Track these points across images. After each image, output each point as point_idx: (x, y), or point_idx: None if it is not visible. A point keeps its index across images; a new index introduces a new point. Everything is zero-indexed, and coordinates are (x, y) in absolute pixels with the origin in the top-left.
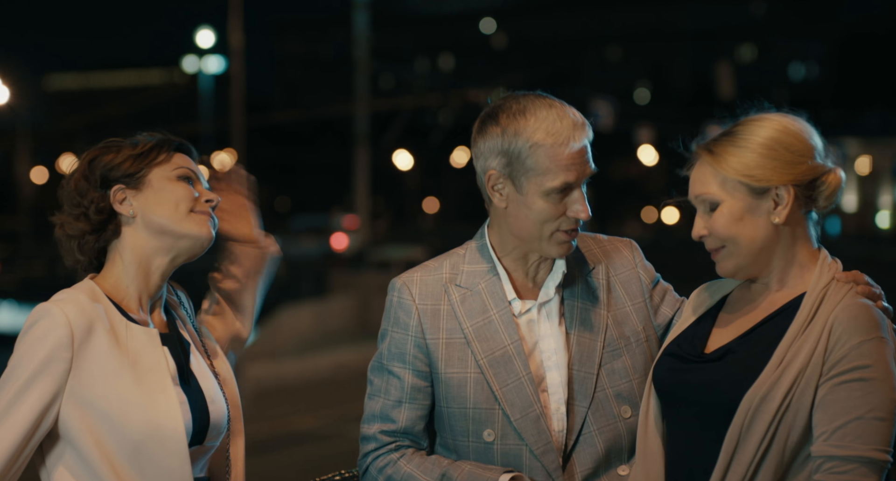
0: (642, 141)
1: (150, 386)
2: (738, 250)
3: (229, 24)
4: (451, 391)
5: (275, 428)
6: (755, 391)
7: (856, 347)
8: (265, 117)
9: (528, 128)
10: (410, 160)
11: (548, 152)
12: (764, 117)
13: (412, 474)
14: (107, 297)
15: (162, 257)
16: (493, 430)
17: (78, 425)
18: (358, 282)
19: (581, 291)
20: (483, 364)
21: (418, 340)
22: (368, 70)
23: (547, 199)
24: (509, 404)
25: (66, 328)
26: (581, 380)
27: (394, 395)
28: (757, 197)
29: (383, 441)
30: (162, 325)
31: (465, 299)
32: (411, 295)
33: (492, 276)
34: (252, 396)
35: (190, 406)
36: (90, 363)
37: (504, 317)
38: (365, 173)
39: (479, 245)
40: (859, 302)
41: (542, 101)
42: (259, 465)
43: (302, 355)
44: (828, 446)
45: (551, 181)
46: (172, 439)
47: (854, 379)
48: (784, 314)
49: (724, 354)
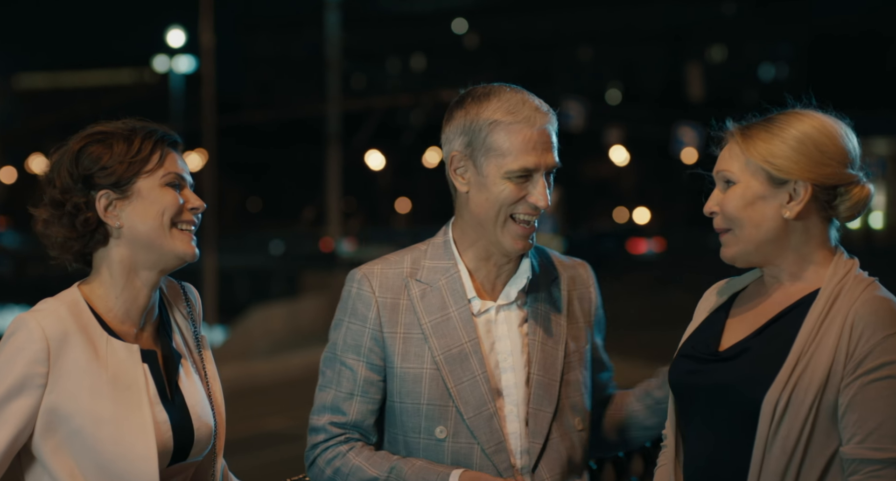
0: (613, 141)
1: (125, 405)
2: (742, 234)
3: (200, 23)
4: (405, 386)
5: (247, 429)
6: (775, 391)
7: (880, 343)
8: (236, 117)
9: (489, 108)
10: (382, 160)
11: (507, 129)
12: (805, 113)
13: (361, 467)
14: (90, 309)
15: (149, 271)
16: (445, 427)
17: (49, 440)
18: (329, 282)
19: (545, 299)
20: (439, 360)
21: (375, 333)
22: (340, 70)
23: (507, 182)
24: (463, 402)
25: (41, 342)
26: (545, 386)
27: (346, 387)
28: (774, 186)
29: (333, 433)
30: (150, 338)
31: (425, 294)
32: (371, 287)
33: (452, 273)
34: (224, 397)
35: (172, 424)
36: (66, 378)
37: (463, 315)
38: (337, 173)
39: (442, 241)
40: (879, 295)
41: (508, 87)
42: (231, 466)
43: (274, 355)
44: (863, 449)
45: (511, 163)
46: (143, 460)
47: (883, 377)
48: (799, 309)
49: (740, 352)
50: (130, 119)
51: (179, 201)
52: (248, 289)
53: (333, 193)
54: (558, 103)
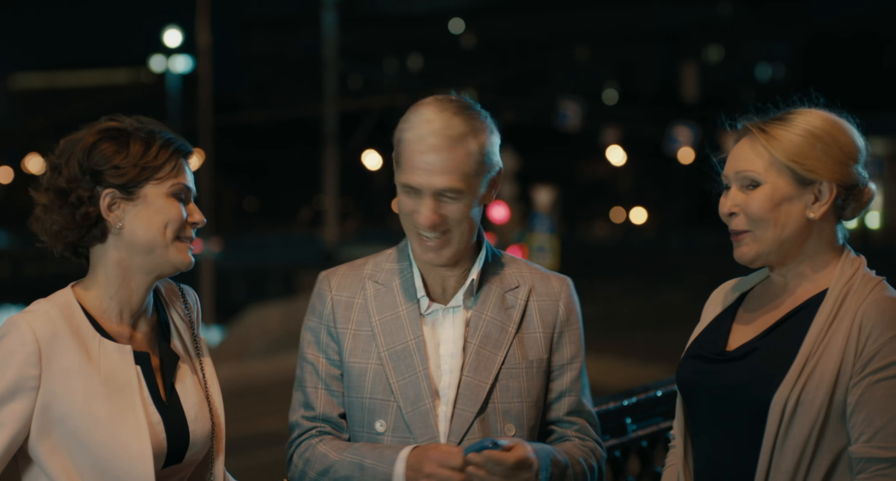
0: (610, 141)
1: (119, 406)
2: (765, 236)
3: (197, 23)
4: (351, 380)
5: (243, 429)
6: (784, 390)
7: (888, 342)
8: (233, 117)
9: (403, 123)
10: (379, 160)
11: (405, 149)
12: (816, 111)
13: (326, 453)
14: (83, 311)
15: (145, 275)
16: (385, 421)
17: (45, 442)
18: None
19: (494, 305)
20: (384, 356)
21: (330, 328)
22: (337, 70)
23: (401, 193)
24: (403, 397)
25: (32, 345)
26: (472, 387)
27: (311, 382)
28: (800, 186)
29: (305, 427)
30: (145, 338)
31: (379, 294)
32: (329, 285)
33: (406, 275)
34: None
35: (166, 426)
36: (59, 380)
37: (411, 314)
38: (334, 173)
39: (404, 245)
40: (887, 295)
41: (434, 102)
42: (228, 466)
43: (270, 355)
44: (871, 447)
45: (401, 177)
46: (138, 460)
47: (891, 376)
48: (807, 310)
49: (748, 352)
50: (147, 118)
51: (184, 215)
52: (244, 289)
53: (330, 193)
54: (555, 103)
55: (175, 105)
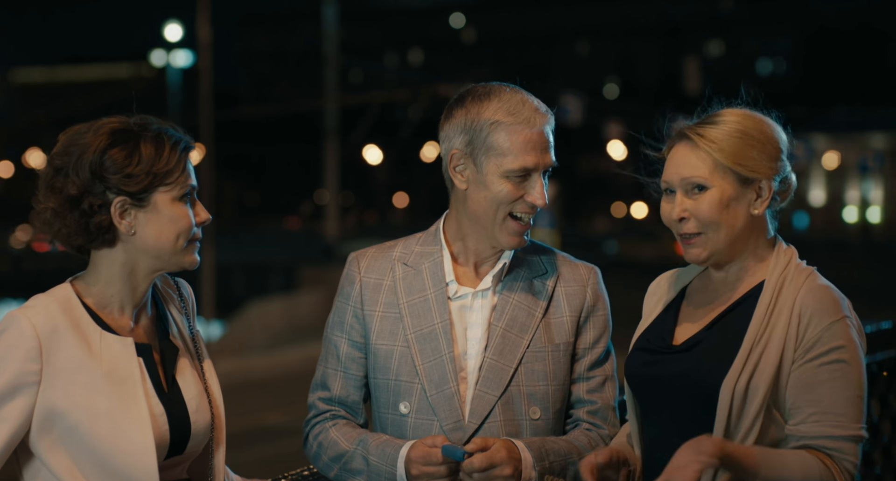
0: (611, 136)
1: (121, 398)
2: (717, 237)
3: (197, 17)
4: (378, 362)
5: (244, 423)
6: (732, 378)
7: (827, 328)
8: (234, 112)
9: (490, 108)
10: (380, 155)
11: (508, 130)
12: (741, 111)
13: (336, 440)
14: (82, 305)
15: (149, 274)
16: (409, 403)
17: (45, 437)
18: (327, 277)
19: (521, 289)
20: (411, 338)
21: (357, 310)
22: (337, 64)
23: (506, 181)
24: (428, 379)
25: (33, 340)
26: (495, 370)
27: (331, 364)
28: (743, 186)
29: (321, 409)
30: (145, 332)
31: (408, 277)
32: (358, 267)
33: (436, 258)
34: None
35: (169, 417)
36: (60, 375)
37: (438, 297)
38: (334, 168)
39: (435, 230)
40: (820, 283)
41: (508, 87)
42: (228, 460)
43: (271, 350)
44: (822, 426)
45: (510, 163)
46: (141, 453)
47: (833, 360)
48: (747, 302)
49: (694, 345)
50: (146, 116)
51: (192, 220)
52: (245, 284)
53: (331, 188)
54: (556, 98)
55: (175, 99)
